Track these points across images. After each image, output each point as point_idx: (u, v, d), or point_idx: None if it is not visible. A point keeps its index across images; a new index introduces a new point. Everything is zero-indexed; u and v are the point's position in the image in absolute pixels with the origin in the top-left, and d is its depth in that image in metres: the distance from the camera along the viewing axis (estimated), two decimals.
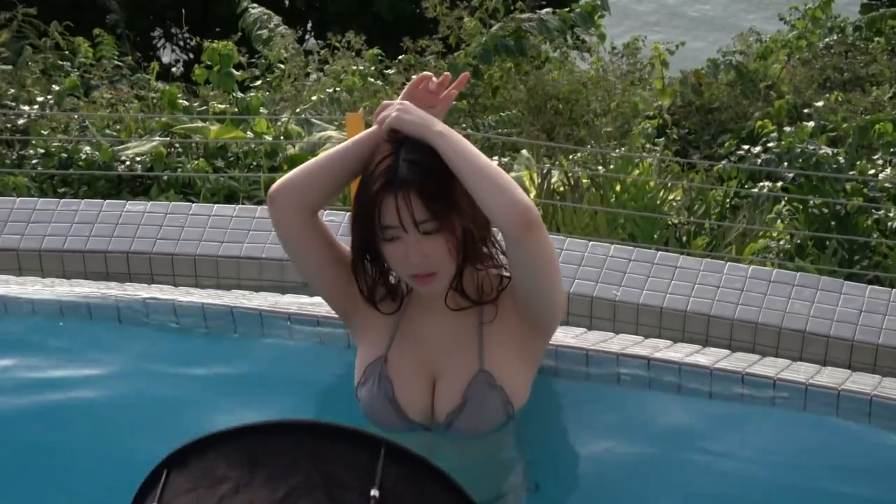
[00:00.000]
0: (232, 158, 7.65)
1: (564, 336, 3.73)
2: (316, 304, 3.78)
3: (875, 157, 7.73)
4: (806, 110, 9.74)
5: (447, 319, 3.03)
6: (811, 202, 6.87)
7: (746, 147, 8.08)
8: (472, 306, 3.01)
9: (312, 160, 3.03)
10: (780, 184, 7.29)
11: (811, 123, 8.14)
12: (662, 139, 9.73)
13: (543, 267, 2.90)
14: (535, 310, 2.99)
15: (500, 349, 3.00)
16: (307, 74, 10.68)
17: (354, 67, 10.37)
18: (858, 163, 7.26)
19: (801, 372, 3.62)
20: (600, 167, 7.75)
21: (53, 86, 9.42)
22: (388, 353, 3.04)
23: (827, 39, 13.03)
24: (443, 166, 2.82)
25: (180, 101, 8.82)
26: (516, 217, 2.76)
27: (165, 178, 7.18)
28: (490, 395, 2.96)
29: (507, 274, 3.03)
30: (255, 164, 7.58)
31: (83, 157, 7.39)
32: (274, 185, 3.01)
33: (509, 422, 3.01)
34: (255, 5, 11.37)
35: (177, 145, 7.62)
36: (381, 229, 2.85)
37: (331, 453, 1.77)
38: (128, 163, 7.35)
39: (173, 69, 16.95)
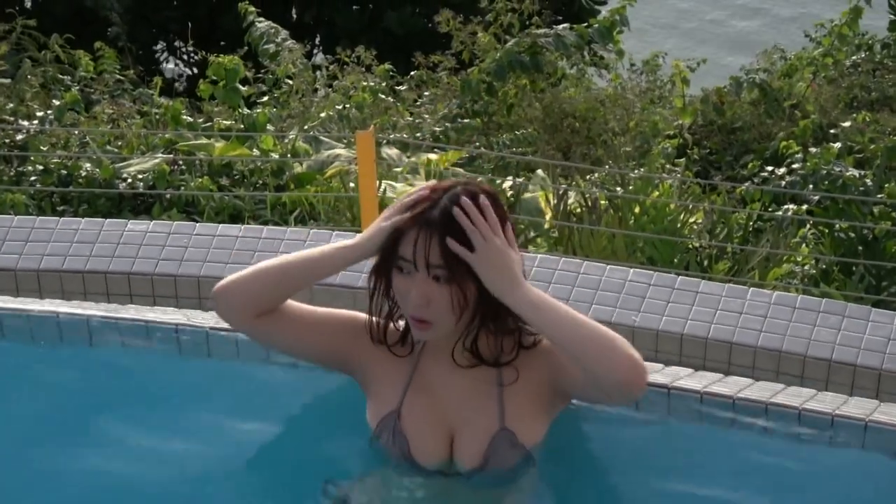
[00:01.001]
0: (237, 176, 7.68)
1: None
2: None
3: None
4: (832, 130, 9.86)
5: (462, 375, 2.96)
6: (837, 226, 6.93)
7: (770, 168, 8.16)
8: (482, 366, 2.95)
9: (267, 263, 2.98)
10: (805, 207, 7.38)
11: (837, 144, 8.30)
12: (683, 160, 9.78)
13: None
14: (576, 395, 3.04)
15: (521, 408, 2.95)
16: (315, 90, 10.81)
17: (364, 83, 10.45)
18: (887, 185, 7.36)
19: (826, 402, 3.53)
20: (618, 188, 7.77)
21: (53, 100, 9.49)
22: (400, 407, 2.97)
23: (854, 57, 13.15)
24: None
25: (184, 116, 8.93)
26: (630, 379, 2.75)
27: (168, 196, 7.21)
28: (512, 453, 2.93)
29: (531, 333, 2.96)
30: (261, 182, 7.63)
31: (83, 174, 7.40)
32: (219, 283, 2.97)
33: (529, 466, 2.96)
34: (261, 19, 11.50)
35: (180, 163, 7.66)
36: (396, 256, 2.84)
37: None
38: (129, 180, 7.36)
39: (176, 84, 17.01)
